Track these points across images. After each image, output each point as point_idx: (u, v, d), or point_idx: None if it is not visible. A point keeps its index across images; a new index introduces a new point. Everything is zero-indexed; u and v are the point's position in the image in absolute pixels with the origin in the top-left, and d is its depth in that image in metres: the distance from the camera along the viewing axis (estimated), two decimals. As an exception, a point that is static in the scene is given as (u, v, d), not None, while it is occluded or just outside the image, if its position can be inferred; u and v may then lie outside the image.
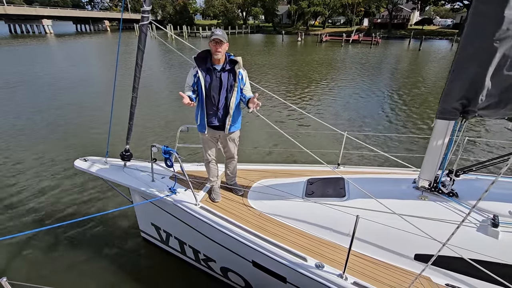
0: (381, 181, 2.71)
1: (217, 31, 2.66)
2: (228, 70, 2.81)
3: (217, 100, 2.87)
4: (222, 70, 2.81)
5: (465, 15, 51.17)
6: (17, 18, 51.84)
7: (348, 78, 17.15)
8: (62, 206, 5.10)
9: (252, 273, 2.99)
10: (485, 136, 8.60)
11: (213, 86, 2.83)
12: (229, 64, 2.80)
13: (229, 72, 2.81)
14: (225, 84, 2.82)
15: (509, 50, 1.95)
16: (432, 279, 2.38)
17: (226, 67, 2.81)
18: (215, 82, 2.82)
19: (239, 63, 2.78)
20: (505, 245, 2.22)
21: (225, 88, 2.83)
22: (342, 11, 64.68)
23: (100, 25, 71.39)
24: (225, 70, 2.81)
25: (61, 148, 7.32)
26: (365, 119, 9.95)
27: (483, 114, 2.22)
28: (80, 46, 34.62)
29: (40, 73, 16.76)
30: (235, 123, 3.00)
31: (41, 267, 3.88)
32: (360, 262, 2.52)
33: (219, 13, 69.56)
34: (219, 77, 2.81)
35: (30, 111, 10.16)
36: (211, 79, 2.82)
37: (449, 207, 2.55)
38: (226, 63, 2.80)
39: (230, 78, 2.81)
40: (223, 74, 2.81)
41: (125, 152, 3.53)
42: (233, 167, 3.44)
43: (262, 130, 8.09)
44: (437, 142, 2.55)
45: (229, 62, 2.80)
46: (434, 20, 75.53)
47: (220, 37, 2.63)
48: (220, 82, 2.82)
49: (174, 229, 3.60)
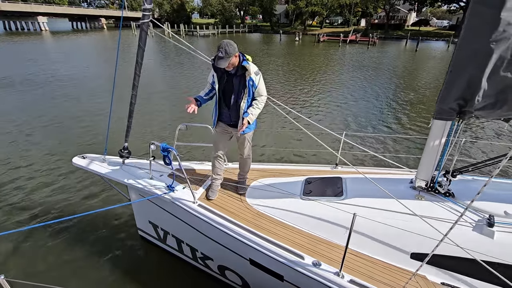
0: (379, 181, 2.73)
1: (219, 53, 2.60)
2: (239, 75, 2.85)
3: (228, 103, 2.98)
4: (235, 75, 2.86)
5: (461, 17, 51.63)
6: (12, 14, 51.24)
7: (346, 78, 17.22)
8: (59, 203, 5.08)
9: (249, 271, 3.00)
10: (481, 137, 8.68)
11: (225, 89, 2.94)
12: (241, 70, 2.83)
13: (240, 77, 2.86)
14: (236, 89, 2.90)
15: (506, 52, 1.98)
16: (428, 278, 2.41)
17: (238, 72, 2.85)
18: (228, 86, 2.92)
19: (249, 70, 2.80)
20: (501, 245, 2.25)
21: (236, 92, 2.91)
22: (340, 11, 64.76)
23: (96, 23, 70.84)
24: (237, 75, 2.86)
25: (59, 145, 7.28)
26: (363, 119, 10.00)
27: (480, 114, 2.25)
28: (77, 43, 34.34)
29: (36, 70, 16.60)
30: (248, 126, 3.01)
31: (38, 265, 3.86)
32: (356, 261, 2.54)
33: (216, 12, 69.38)
34: (231, 81, 2.89)
35: (28, 108, 10.08)
36: (224, 82, 2.92)
37: (446, 207, 2.58)
38: (239, 68, 2.82)
39: (241, 83, 2.86)
40: (235, 78, 2.87)
41: (124, 149, 3.53)
42: (244, 165, 3.47)
43: (261, 130, 8.11)
44: (434, 143, 2.58)
45: (241, 67, 2.82)
46: (431, 21, 75.96)
47: (223, 61, 2.63)
48: (232, 86, 2.90)
49: (171, 227, 3.60)
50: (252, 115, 2.88)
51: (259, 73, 2.89)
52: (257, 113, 2.92)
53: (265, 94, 2.96)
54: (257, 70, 2.87)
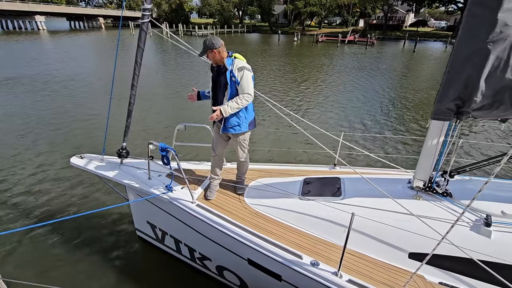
0: (377, 181, 2.74)
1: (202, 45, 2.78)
2: (224, 71, 2.86)
3: (216, 101, 2.98)
4: (222, 72, 2.87)
5: (459, 18, 51.83)
6: (9, 14, 50.96)
7: (344, 78, 17.24)
8: (57, 203, 5.06)
9: (248, 272, 3.00)
10: (479, 137, 8.72)
11: (215, 87, 2.97)
12: (225, 66, 2.84)
13: (224, 73, 2.86)
14: (221, 85, 2.89)
15: (503, 52, 1.99)
16: (426, 278, 2.42)
17: (223, 69, 2.86)
18: (216, 82, 2.94)
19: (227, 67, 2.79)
20: (498, 244, 2.26)
21: (221, 89, 2.90)
22: (338, 12, 64.89)
23: (94, 22, 70.64)
24: (222, 72, 2.87)
25: (57, 145, 7.25)
26: (361, 120, 10.02)
27: (477, 115, 2.26)
28: (75, 43, 34.20)
29: (35, 69, 16.53)
30: (233, 125, 2.98)
31: (35, 265, 3.84)
32: (355, 260, 2.55)
33: (215, 12, 69.31)
34: (219, 78, 2.90)
35: (26, 107, 10.03)
36: (214, 78, 2.95)
37: (443, 206, 2.60)
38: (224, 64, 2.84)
39: (225, 79, 2.86)
40: (221, 74, 2.88)
41: (122, 149, 3.52)
42: (241, 168, 3.45)
43: (259, 130, 8.11)
44: (432, 143, 2.59)
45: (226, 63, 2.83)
46: (429, 22, 76.31)
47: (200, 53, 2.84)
48: (219, 83, 2.90)
49: (170, 228, 3.60)
50: (228, 106, 2.75)
51: (243, 69, 2.76)
52: (234, 107, 2.78)
53: (249, 92, 2.80)
54: (242, 66, 2.77)
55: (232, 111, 2.81)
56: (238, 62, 2.80)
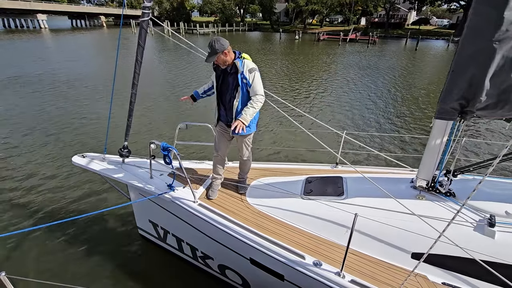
0: (379, 181, 2.72)
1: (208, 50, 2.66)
2: (233, 73, 2.80)
3: (224, 102, 2.94)
4: (230, 73, 2.82)
5: (462, 16, 51.57)
6: (11, 12, 51.03)
7: (345, 77, 17.19)
8: (59, 202, 5.07)
9: (250, 271, 2.99)
10: (483, 136, 8.68)
11: (222, 88, 2.91)
12: (234, 67, 2.78)
13: (234, 75, 2.80)
14: (230, 87, 2.85)
15: (509, 51, 1.97)
16: (428, 278, 2.41)
17: (232, 70, 2.80)
18: (223, 84, 2.89)
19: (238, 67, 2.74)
20: (501, 245, 2.25)
21: (230, 91, 2.86)
22: (340, 10, 64.64)
23: (96, 21, 70.68)
24: (231, 73, 2.81)
25: (59, 144, 7.26)
26: (363, 118, 9.99)
27: (481, 114, 2.24)
28: (77, 41, 34.23)
29: (36, 68, 16.56)
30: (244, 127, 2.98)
31: (38, 263, 3.86)
32: (357, 261, 2.54)
33: (216, 10, 69.23)
34: (227, 80, 2.85)
35: (27, 106, 10.05)
36: (220, 80, 2.89)
37: (446, 206, 2.58)
38: (233, 65, 2.78)
39: (234, 81, 2.81)
40: (230, 77, 2.83)
41: (124, 148, 3.52)
42: (243, 167, 3.43)
43: (261, 129, 8.10)
44: (435, 142, 2.57)
45: (234, 65, 2.78)
46: (431, 20, 75.87)
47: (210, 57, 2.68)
48: (227, 85, 2.86)
49: (172, 227, 3.60)
50: (246, 115, 2.69)
51: (254, 70, 2.75)
52: (251, 113, 2.73)
53: (261, 93, 2.79)
54: (252, 68, 2.75)
55: (252, 117, 2.77)
56: (247, 63, 2.77)
